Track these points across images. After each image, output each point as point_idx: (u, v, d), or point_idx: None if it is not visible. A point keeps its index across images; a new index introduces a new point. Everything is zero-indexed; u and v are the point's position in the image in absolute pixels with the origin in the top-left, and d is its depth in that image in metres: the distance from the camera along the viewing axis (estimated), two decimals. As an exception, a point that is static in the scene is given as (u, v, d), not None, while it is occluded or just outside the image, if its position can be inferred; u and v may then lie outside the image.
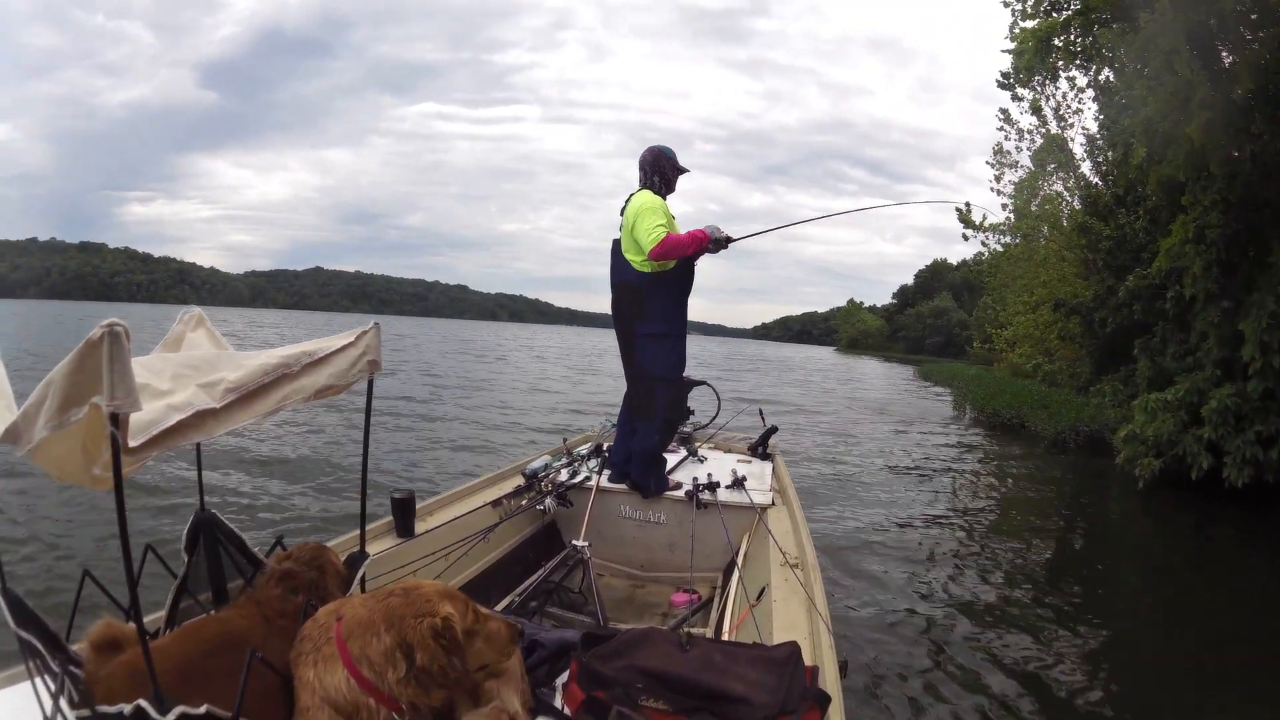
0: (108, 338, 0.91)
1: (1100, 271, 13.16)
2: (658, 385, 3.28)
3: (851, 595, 4.31)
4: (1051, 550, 6.01)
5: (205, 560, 1.66)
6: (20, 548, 4.13)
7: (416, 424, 10.21)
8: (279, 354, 1.31)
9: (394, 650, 1.18)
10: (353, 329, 1.48)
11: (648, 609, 3.01)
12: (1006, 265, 21.35)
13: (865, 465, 9.23)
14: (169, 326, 1.61)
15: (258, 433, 7.72)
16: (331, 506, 5.54)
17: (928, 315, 63.17)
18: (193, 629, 1.40)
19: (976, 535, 6.22)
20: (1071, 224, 15.86)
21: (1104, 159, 14.37)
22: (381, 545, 2.35)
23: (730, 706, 1.36)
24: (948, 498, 7.74)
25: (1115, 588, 5.20)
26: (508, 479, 3.39)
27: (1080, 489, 9.16)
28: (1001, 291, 22.04)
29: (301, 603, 1.44)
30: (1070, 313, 14.29)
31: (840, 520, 6.14)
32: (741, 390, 16.83)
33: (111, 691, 1.11)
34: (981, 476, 9.47)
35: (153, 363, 1.25)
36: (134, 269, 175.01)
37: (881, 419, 15.18)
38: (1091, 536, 6.78)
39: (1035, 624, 4.07)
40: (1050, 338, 17.34)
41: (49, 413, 0.96)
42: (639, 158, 3.32)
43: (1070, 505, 8.06)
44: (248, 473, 6.50)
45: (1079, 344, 14.97)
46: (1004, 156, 18.79)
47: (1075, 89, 15.21)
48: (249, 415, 1.23)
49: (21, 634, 1.13)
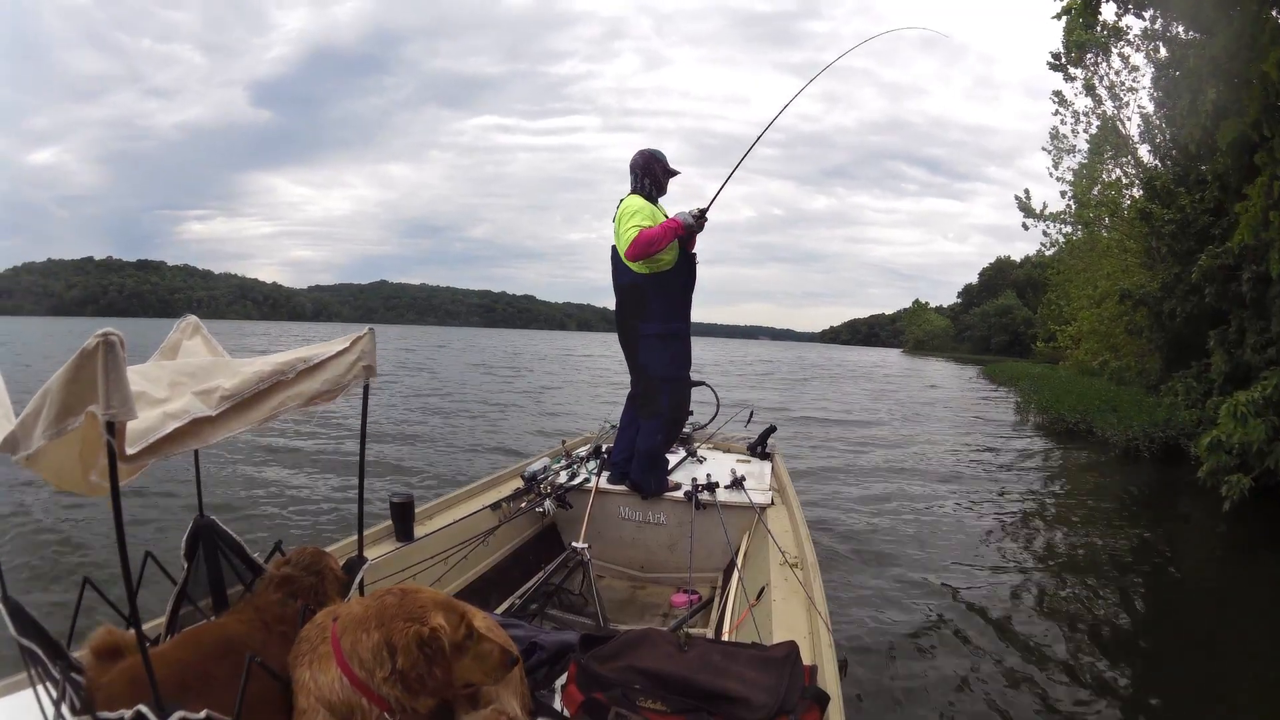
0: (102, 347, 0.92)
1: (1165, 259, 12.08)
2: (662, 385, 3.29)
3: (869, 598, 4.23)
4: (1097, 569, 5.14)
5: (205, 566, 1.67)
6: (21, 556, 4.14)
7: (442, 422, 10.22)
8: (274, 361, 1.32)
9: (381, 647, 1.19)
10: (347, 335, 1.49)
11: (648, 610, 3.01)
12: (1068, 258, 20.42)
13: (916, 473, 8.45)
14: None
15: (258, 437, 7.74)
16: (331, 511, 5.54)
17: (992, 314, 62.43)
18: (192, 635, 1.41)
19: (1021, 551, 5.47)
20: (1132, 211, 14.62)
21: (1161, 140, 13.36)
22: (381, 549, 2.36)
23: (728, 706, 1.36)
24: (995, 510, 6.84)
25: (1167, 606, 4.51)
26: (507, 482, 3.39)
27: (1150, 503, 7.75)
28: (1065, 286, 21.15)
29: (300, 608, 1.45)
30: (1137, 304, 12.99)
31: (879, 529, 5.71)
32: (795, 407, 14.88)
33: (112, 698, 1.12)
34: (1037, 488, 8.23)
35: (149, 371, 1.26)
36: (194, 285, 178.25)
37: (939, 425, 13.86)
38: (1147, 551, 5.64)
39: (1060, 639, 3.72)
40: (1116, 332, 16.21)
41: (46, 421, 0.97)
42: (630, 161, 3.33)
43: (1133, 520, 6.73)
44: (247, 478, 6.51)
45: (1146, 338, 13.71)
46: (1060, 141, 17.65)
47: (1129, 67, 14.32)
48: (245, 422, 1.24)
49: (23, 641, 1.14)
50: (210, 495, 1.76)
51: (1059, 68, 15.20)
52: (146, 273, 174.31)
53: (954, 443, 11.52)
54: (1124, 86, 14.82)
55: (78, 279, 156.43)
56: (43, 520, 4.85)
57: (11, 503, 5.11)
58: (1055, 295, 22.91)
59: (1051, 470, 9.73)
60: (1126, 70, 14.53)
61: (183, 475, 5.60)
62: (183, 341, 1.61)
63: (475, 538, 2.70)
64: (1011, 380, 25.00)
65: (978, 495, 7.45)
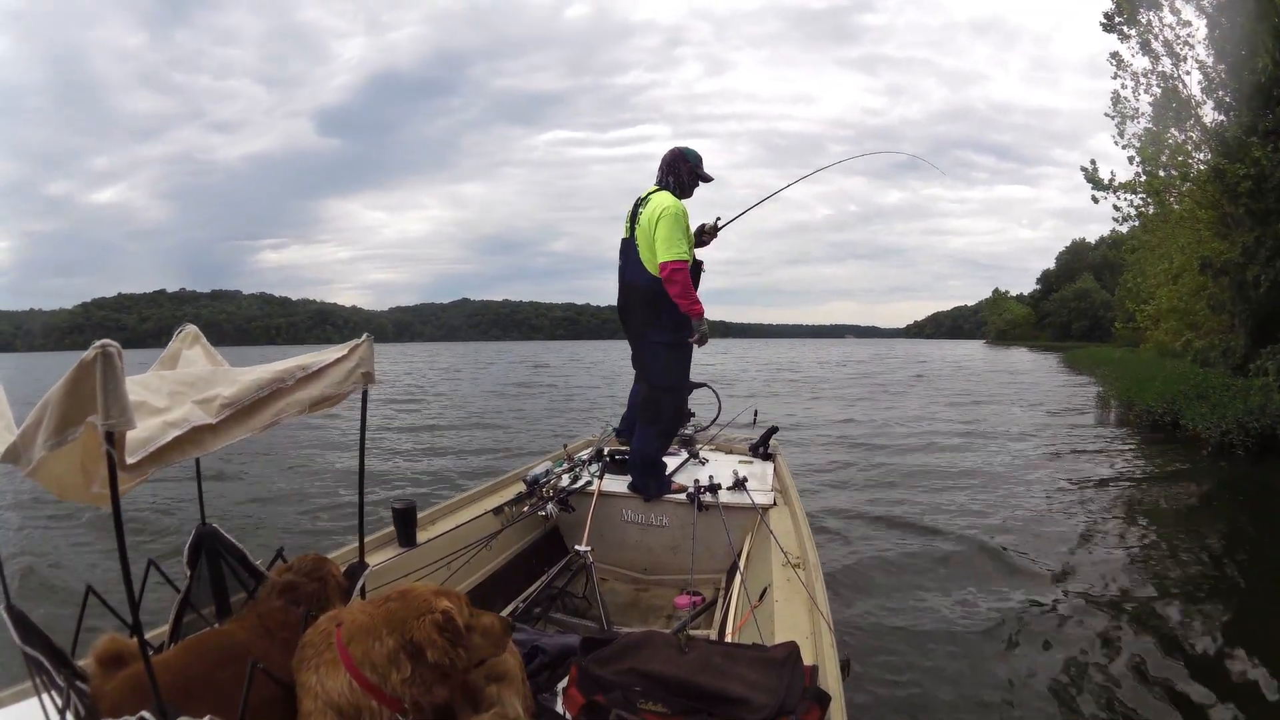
0: (100, 358, 0.92)
1: (1241, 222, 10.90)
2: (665, 395, 3.27)
3: (872, 598, 4.19)
4: (1158, 575, 4.56)
5: (207, 574, 1.68)
6: (25, 564, 4.16)
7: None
8: (273, 368, 1.33)
9: (398, 652, 1.22)
10: (346, 343, 1.50)
11: (651, 612, 3.01)
12: (1141, 233, 19.15)
13: (984, 482, 7.47)
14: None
15: (258, 445, 7.76)
16: (334, 517, 5.56)
17: (1071, 299, 61.94)
18: (195, 642, 1.42)
19: (1057, 562, 4.88)
20: (1202, 176, 13.45)
21: (1223, 93, 12.48)
22: (383, 555, 2.37)
23: (729, 707, 1.37)
24: (1060, 520, 6.03)
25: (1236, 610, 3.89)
26: (509, 486, 3.40)
27: (1244, 505, 6.44)
28: (1140, 264, 20.08)
29: (303, 614, 1.46)
30: (1218, 274, 11.88)
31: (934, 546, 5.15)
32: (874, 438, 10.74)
33: (116, 705, 1.12)
34: (1113, 492, 7.04)
35: (149, 380, 1.27)
36: (271, 313, 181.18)
37: (1016, 430, 11.53)
38: (1222, 553, 4.92)
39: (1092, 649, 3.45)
40: (1197, 309, 15.02)
41: (47, 432, 0.98)
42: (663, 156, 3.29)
43: (1211, 528, 5.65)
44: (248, 485, 6.53)
45: (1229, 312, 12.51)
46: (1123, 105, 16.53)
47: (1181, 21, 13.60)
48: (245, 430, 1.25)
49: (27, 650, 1.15)
50: (212, 503, 1.77)
51: (1112, 28, 14.80)
52: (221, 302, 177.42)
53: (1020, 438, 10.39)
54: (1180, 41, 14.00)
55: (151, 312, 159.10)
56: (46, 529, 4.88)
57: (13, 512, 5.14)
58: (1132, 275, 21.91)
59: (1123, 471, 8.10)
60: (1179, 24, 13.83)
61: (184, 484, 5.64)
62: (182, 351, 1.63)
63: (478, 542, 2.70)
64: (1091, 367, 23.62)
65: (1030, 498, 6.75)
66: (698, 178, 3.28)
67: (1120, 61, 15.80)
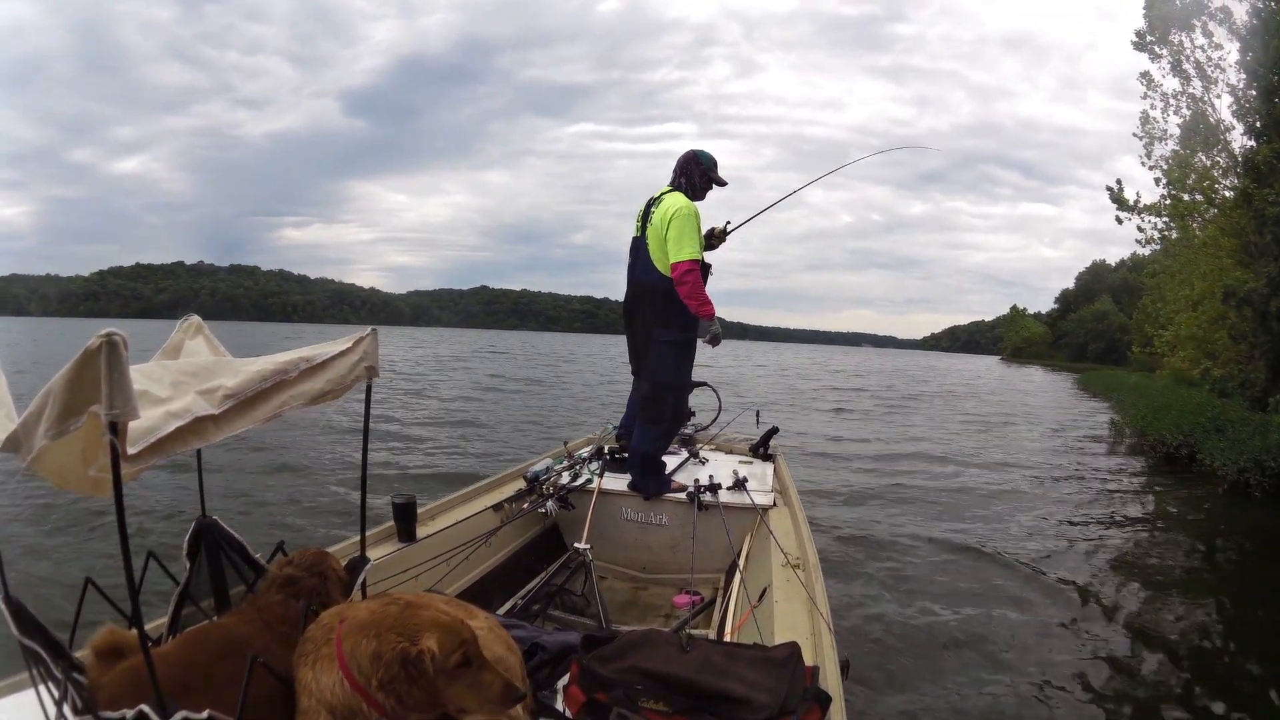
0: (105, 347, 0.91)
1: (1269, 249, 10.55)
2: (668, 393, 3.27)
3: (873, 598, 4.22)
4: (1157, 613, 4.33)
5: (207, 567, 1.67)
6: (23, 555, 4.15)
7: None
8: (277, 360, 1.32)
9: (375, 656, 1.19)
10: (350, 335, 1.49)
11: (650, 611, 3.01)
12: (1163, 257, 19.11)
13: (990, 496, 7.48)
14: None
15: (259, 438, 7.74)
16: (334, 511, 5.55)
17: (1089, 320, 61.72)
18: (195, 635, 1.41)
19: (1055, 577, 4.81)
20: (1227, 203, 13.27)
21: (1254, 118, 12.21)
22: (383, 550, 2.36)
23: (730, 707, 1.36)
24: (1043, 533, 6.05)
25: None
26: (509, 482, 3.39)
27: (1254, 550, 6.18)
28: (1160, 288, 20.00)
29: (302, 608, 1.45)
30: (1240, 303, 11.30)
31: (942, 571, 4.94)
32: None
33: (114, 698, 1.11)
34: (1121, 529, 6.64)
35: (152, 370, 1.26)
36: (289, 290, 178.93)
37: (1024, 457, 10.96)
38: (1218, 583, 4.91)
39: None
40: (1218, 337, 14.65)
41: (49, 421, 0.96)
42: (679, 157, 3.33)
43: (1215, 568, 5.55)
44: (249, 478, 6.52)
45: (1250, 343, 11.96)
46: (1150, 125, 16.30)
47: (1213, 44, 13.48)
48: (248, 421, 1.24)
49: (25, 641, 1.13)
50: (212, 495, 1.76)
51: (1144, 47, 14.67)
52: (240, 277, 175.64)
53: (1028, 460, 10.37)
54: (1211, 63, 13.91)
55: (167, 283, 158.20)
56: (44, 519, 4.87)
57: (11, 502, 5.12)
58: (1151, 299, 21.71)
59: (1129, 501, 7.98)
60: (1210, 46, 13.71)
61: (184, 475, 5.63)
62: (185, 341, 1.62)
63: (477, 538, 2.69)
64: (1106, 390, 23.96)
65: (1037, 515, 6.74)
66: (711, 181, 3.29)
67: (1150, 81, 15.61)
